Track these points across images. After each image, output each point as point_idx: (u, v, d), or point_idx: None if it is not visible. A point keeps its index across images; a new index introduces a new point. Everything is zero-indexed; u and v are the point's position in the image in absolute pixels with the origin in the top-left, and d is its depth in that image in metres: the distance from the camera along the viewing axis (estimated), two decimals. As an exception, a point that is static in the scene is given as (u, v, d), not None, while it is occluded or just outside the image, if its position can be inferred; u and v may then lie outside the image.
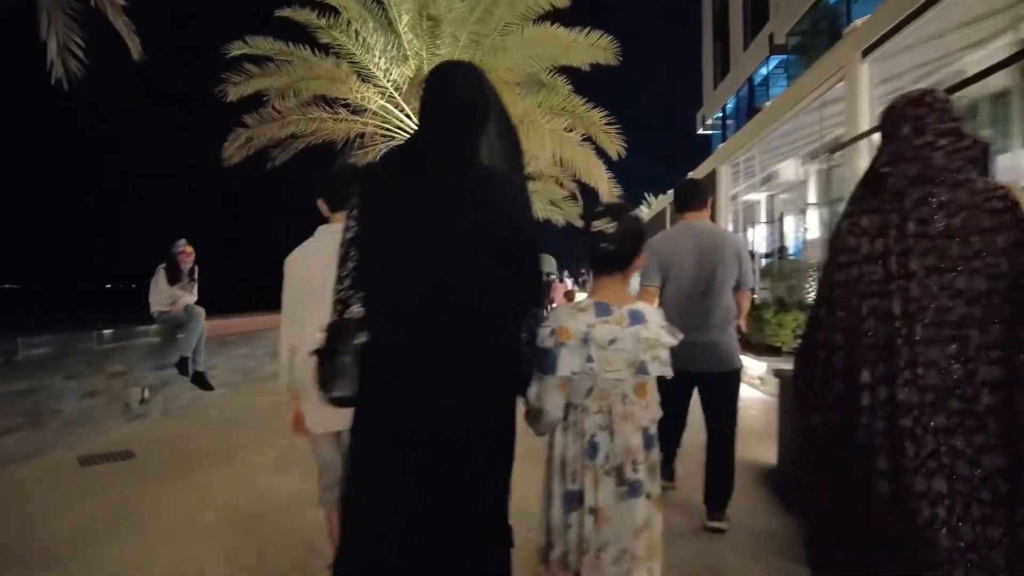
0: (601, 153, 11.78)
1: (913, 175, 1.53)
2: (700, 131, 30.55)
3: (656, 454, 1.72)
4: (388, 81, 10.93)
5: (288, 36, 10.47)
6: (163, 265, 5.72)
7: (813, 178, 13.33)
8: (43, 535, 3.12)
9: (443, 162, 1.58)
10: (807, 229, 12.64)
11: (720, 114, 28.25)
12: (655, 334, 1.66)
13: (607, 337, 1.63)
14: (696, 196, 3.36)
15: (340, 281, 1.56)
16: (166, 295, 5.70)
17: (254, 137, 10.83)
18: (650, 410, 1.72)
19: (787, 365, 6.39)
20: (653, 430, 1.72)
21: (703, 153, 29.56)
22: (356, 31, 10.38)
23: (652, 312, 1.72)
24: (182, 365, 5.54)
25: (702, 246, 3.13)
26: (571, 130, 11.29)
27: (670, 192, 18.77)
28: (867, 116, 6.16)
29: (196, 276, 5.93)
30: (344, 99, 10.98)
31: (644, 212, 27.32)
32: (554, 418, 1.68)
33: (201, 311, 5.73)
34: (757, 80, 24.04)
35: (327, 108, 11.13)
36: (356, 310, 1.51)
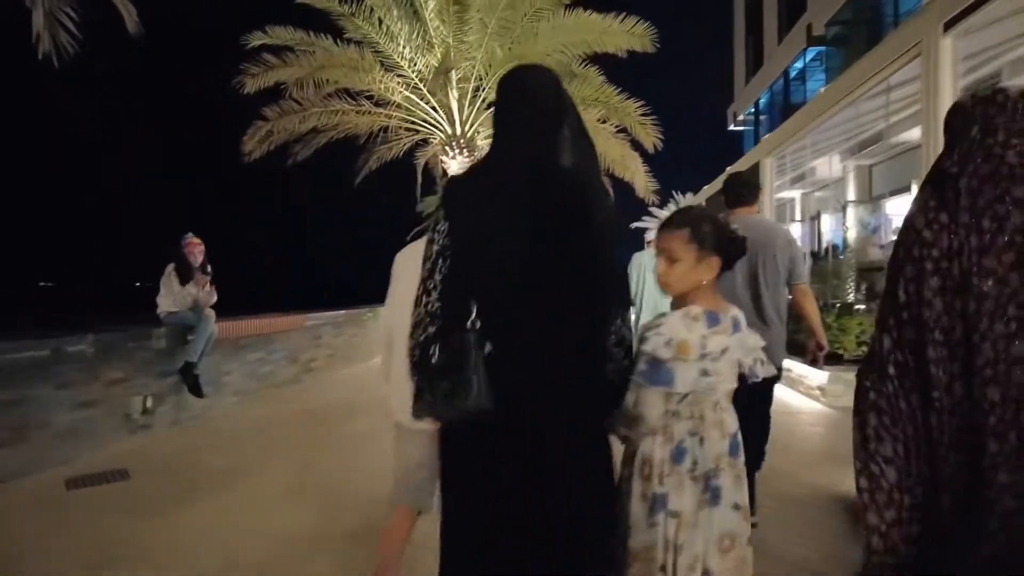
0: (635, 146, 11.22)
1: (985, 174, 1.54)
2: (731, 127, 29.68)
3: (742, 462, 1.68)
4: (413, 71, 10.44)
5: (309, 25, 10.05)
6: (173, 264, 5.25)
7: (852, 174, 12.65)
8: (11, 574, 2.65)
9: (528, 168, 1.57)
10: (848, 227, 11.91)
11: (752, 110, 27.37)
12: (752, 337, 1.69)
13: (719, 348, 1.59)
14: (750, 191, 3.26)
15: (427, 293, 1.55)
16: (181, 296, 5.24)
17: (274, 131, 10.43)
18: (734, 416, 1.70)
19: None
20: (739, 437, 1.68)
21: (734, 150, 28.83)
22: (380, 19, 9.89)
23: (741, 314, 1.71)
24: (186, 371, 5.07)
25: (754, 241, 2.98)
26: (604, 121, 10.72)
27: (703, 190, 18.13)
28: (949, 97, 5.47)
29: (210, 270, 5.45)
30: (367, 91, 10.54)
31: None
32: (652, 427, 1.62)
33: (211, 313, 5.26)
34: (792, 74, 23.17)
35: (350, 100, 10.69)
36: (474, 322, 1.49)
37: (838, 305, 7.31)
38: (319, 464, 4.21)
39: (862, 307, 7.51)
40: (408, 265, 2.23)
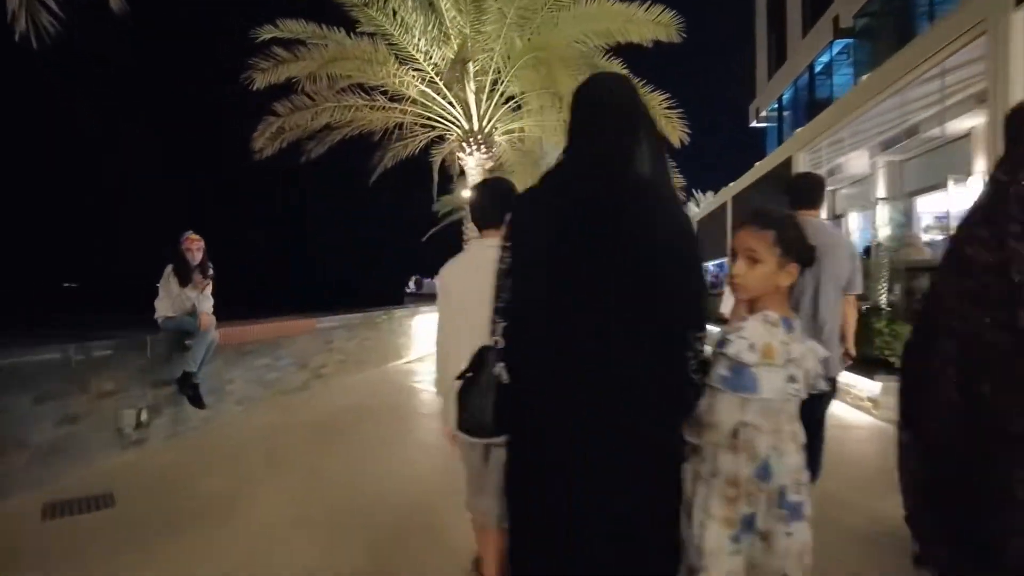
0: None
1: None
2: (753, 124, 28.99)
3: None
4: (429, 64, 10.04)
5: (320, 19, 9.68)
6: (171, 266, 4.86)
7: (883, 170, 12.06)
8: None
9: (603, 176, 1.52)
10: (878, 226, 11.31)
11: (776, 106, 26.70)
12: (819, 347, 1.64)
13: (797, 354, 1.56)
14: (820, 193, 3.23)
15: (494, 313, 1.57)
16: (179, 299, 4.84)
17: (285, 127, 10.09)
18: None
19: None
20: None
21: (757, 147, 28.18)
22: (394, 9, 9.49)
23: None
24: (184, 381, 4.67)
25: (818, 247, 2.77)
26: (629, 115, 10.22)
27: (730, 186, 17.56)
28: (1021, 78, 4.94)
29: (211, 274, 5.05)
30: (381, 86, 10.17)
31: (694, 211, 26.03)
32: (722, 436, 1.54)
33: (211, 319, 4.86)
34: (817, 68, 22.51)
35: (363, 95, 10.33)
36: (497, 339, 1.52)
37: (886, 309, 6.76)
38: (326, 482, 3.81)
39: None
40: (456, 280, 2.24)
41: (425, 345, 10.99)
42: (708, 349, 1.58)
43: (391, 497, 3.56)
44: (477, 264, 2.08)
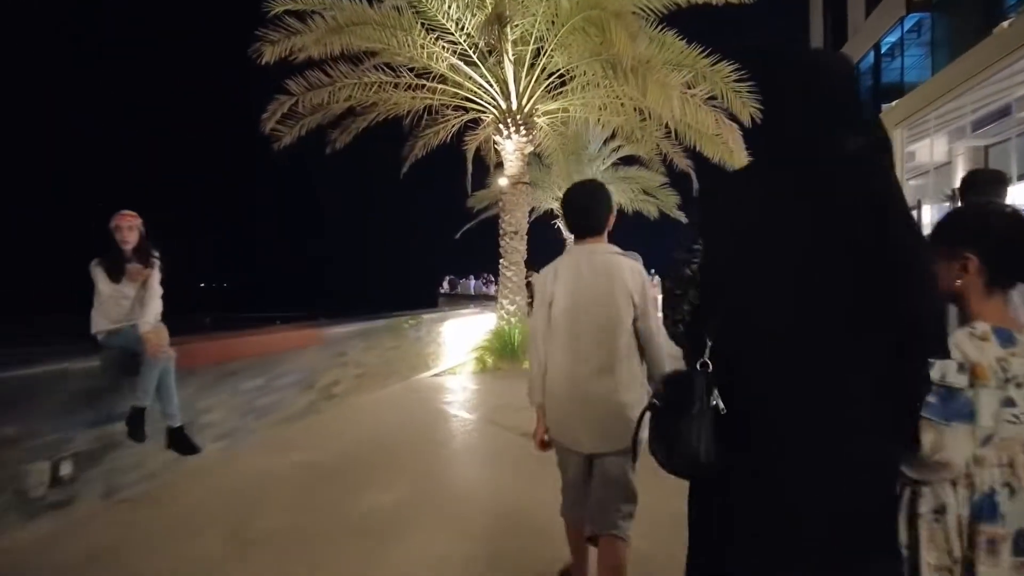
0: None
1: None
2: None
3: None
4: (461, 34, 8.77)
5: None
6: (96, 259, 3.58)
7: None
8: None
9: (813, 178, 1.28)
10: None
11: (834, 92, 24.79)
12: None
13: (1019, 372, 1.27)
14: (1005, 188, 2.91)
15: (674, 325, 1.40)
16: (114, 303, 3.57)
17: (300, 108, 8.93)
18: None
19: None
20: None
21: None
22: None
23: None
24: (134, 420, 3.40)
25: None
26: (690, 87, 8.76)
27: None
28: None
29: (156, 261, 3.72)
30: (408, 62, 8.95)
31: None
32: (956, 473, 1.26)
33: (161, 329, 3.59)
34: (883, 49, 20.60)
35: (388, 71, 9.12)
36: (704, 362, 1.28)
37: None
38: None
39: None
40: (561, 287, 2.16)
41: (458, 354, 9.71)
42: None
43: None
44: (583, 271, 2.14)
